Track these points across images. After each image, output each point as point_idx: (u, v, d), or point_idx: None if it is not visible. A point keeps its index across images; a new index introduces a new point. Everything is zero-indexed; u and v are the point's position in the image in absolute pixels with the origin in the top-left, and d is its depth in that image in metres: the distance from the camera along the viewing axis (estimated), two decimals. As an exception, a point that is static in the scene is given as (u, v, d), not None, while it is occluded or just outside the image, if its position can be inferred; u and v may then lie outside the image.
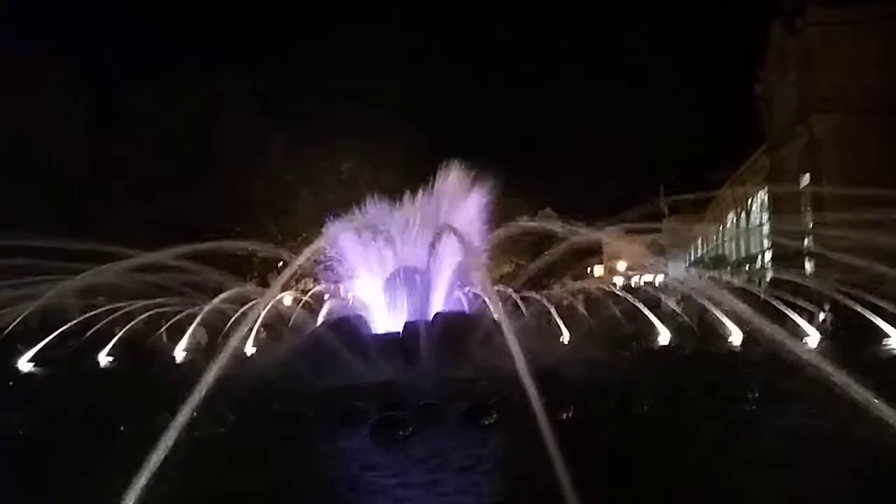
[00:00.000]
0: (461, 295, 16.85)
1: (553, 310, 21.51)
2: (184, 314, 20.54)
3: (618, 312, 22.09)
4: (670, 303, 24.98)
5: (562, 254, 20.47)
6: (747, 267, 41.19)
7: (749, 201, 49.82)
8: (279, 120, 38.40)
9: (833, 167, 35.58)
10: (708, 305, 18.87)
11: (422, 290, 15.20)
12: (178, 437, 4.50)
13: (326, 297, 21.49)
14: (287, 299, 23.11)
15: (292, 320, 19.49)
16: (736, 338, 17.87)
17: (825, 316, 20.61)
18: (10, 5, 40.53)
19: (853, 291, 17.65)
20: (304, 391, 10.17)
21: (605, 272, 55.25)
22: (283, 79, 45.69)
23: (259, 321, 17.64)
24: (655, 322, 20.74)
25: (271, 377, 11.94)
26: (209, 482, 5.82)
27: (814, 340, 17.23)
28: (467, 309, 16.67)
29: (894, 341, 16.22)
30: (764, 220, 45.73)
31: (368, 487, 6.03)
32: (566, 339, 19.68)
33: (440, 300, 15.79)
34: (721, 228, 55.34)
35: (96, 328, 20.31)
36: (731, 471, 6.07)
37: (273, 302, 17.30)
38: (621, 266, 54.99)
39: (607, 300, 23.38)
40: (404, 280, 15.29)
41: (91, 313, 20.64)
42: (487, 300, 15.65)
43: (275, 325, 20.03)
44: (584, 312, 23.61)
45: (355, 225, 17.28)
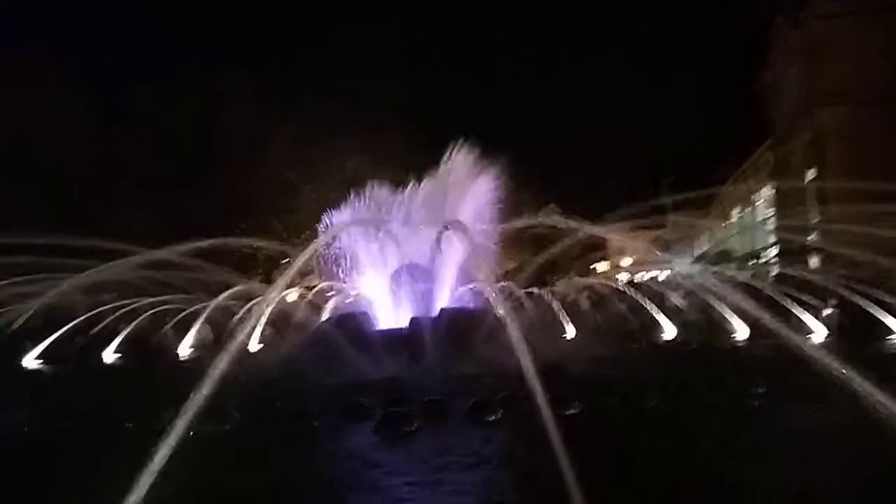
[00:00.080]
0: (466, 291, 16.83)
1: (558, 306, 21.49)
2: (189, 311, 20.57)
3: (623, 308, 22.04)
4: (675, 298, 24.91)
5: (566, 250, 20.47)
6: (752, 262, 41.08)
7: (754, 197, 49.71)
8: (279, 119, 38.40)
9: (838, 161, 35.38)
10: (713, 301, 18.81)
11: (426, 287, 15.20)
12: (184, 434, 4.50)
13: (331, 294, 21.50)
14: (292, 296, 23.09)
15: (297, 317, 19.50)
16: (741, 333, 17.83)
17: (831, 311, 20.55)
18: (10, 5, 40.61)
19: (859, 286, 17.61)
20: (309, 388, 10.20)
21: (610, 268, 55.14)
22: (283, 78, 45.69)
23: (264, 318, 17.63)
24: (660, 318, 20.70)
25: (276, 374, 11.94)
26: (214, 479, 5.84)
27: (819, 336, 17.19)
28: (472, 305, 16.66)
29: (900, 336, 16.17)
30: (769, 216, 45.61)
31: (373, 485, 6.04)
32: (571, 335, 19.66)
33: (445, 296, 15.79)
34: (726, 224, 55.21)
35: (102, 325, 20.35)
36: (736, 466, 6.07)
37: (278, 299, 17.30)
38: (626, 262, 54.87)
39: (612, 296, 23.33)
40: (409, 276, 15.28)
41: (97, 310, 20.69)
42: (492, 296, 15.65)
43: (279, 322, 20.03)
44: (589, 308, 23.58)
45: (357, 220, 17.30)
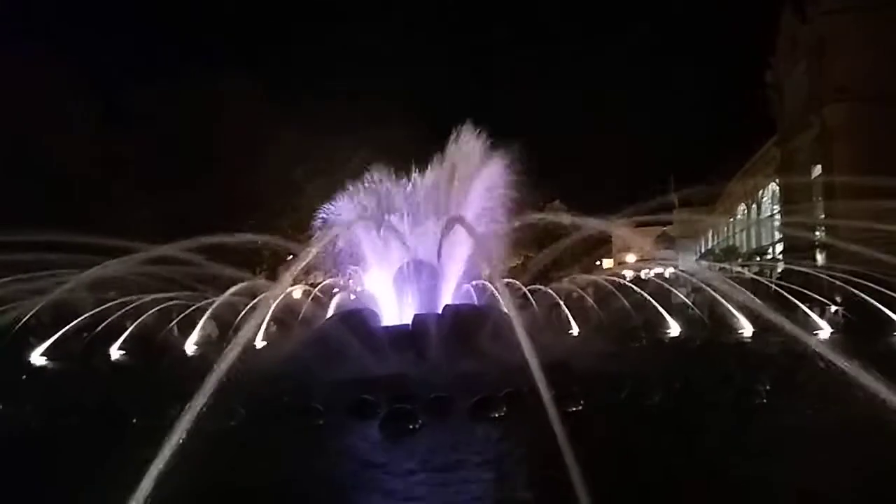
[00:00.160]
0: (470, 288, 16.83)
1: (562, 302, 21.49)
2: (194, 308, 20.62)
3: (627, 305, 22.02)
4: (680, 295, 24.88)
5: (571, 246, 20.47)
6: (758, 258, 41.02)
7: (760, 193, 49.54)
8: (279, 119, 38.41)
9: (844, 157, 35.25)
10: (718, 297, 18.78)
11: (431, 283, 15.20)
12: (190, 431, 4.52)
13: (336, 290, 21.52)
14: (297, 292, 23.14)
15: (302, 313, 19.53)
16: (747, 330, 17.79)
17: (836, 307, 20.52)
18: (10, 5, 40.67)
19: (865, 283, 17.56)
20: (314, 384, 10.20)
21: (615, 264, 55.08)
22: (283, 78, 45.77)
23: (269, 314, 17.67)
24: (665, 314, 20.68)
25: (281, 370, 11.95)
26: (220, 475, 5.85)
27: (825, 332, 17.15)
28: (476, 302, 16.66)
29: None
30: (775, 212, 45.47)
31: (377, 481, 6.05)
32: (575, 332, 19.67)
33: (450, 293, 15.79)
34: (732, 220, 55.07)
35: (108, 322, 20.40)
36: (741, 462, 6.06)
37: (283, 295, 17.33)
38: (631, 258, 54.79)
39: (617, 292, 23.30)
40: (414, 273, 15.29)
41: (103, 307, 20.74)
42: (497, 293, 15.63)
43: (285, 319, 20.06)
44: (594, 305, 23.56)
45: (361, 217, 17.30)
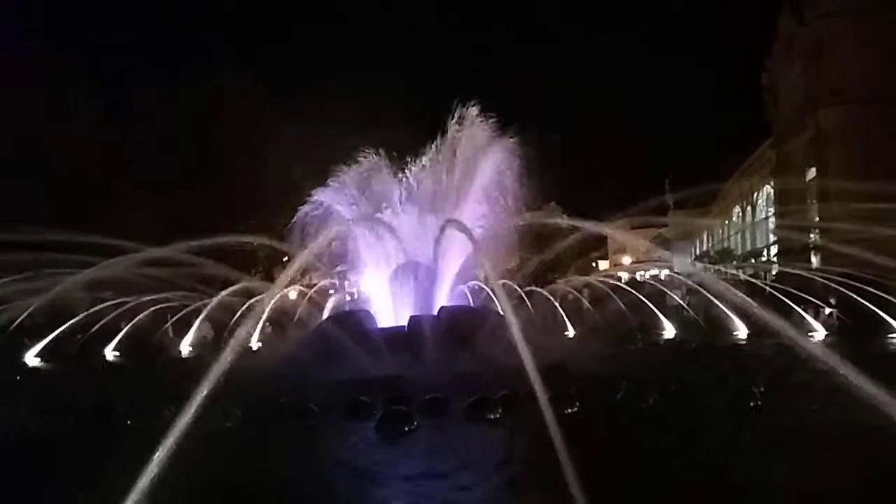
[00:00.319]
0: (466, 289, 16.84)
1: (558, 304, 21.50)
2: (190, 309, 20.56)
3: (623, 306, 22.04)
4: (676, 297, 24.92)
5: (567, 248, 20.48)
6: (753, 261, 41.11)
7: (755, 195, 49.69)
8: (279, 119, 38.37)
9: (839, 160, 35.37)
10: (713, 299, 18.82)
11: (427, 285, 15.20)
12: (185, 432, 4.51)
13: (331, 292, 21.51)
14: (292, 294, 23.11)
15: (298, 315, 19.50)
16: (741, 332, 17.84)
17: (831, 310, 20.57)
18: (10, 5, 40.60)
19: (859, 285, 17.62)
20: (310, 385, 10.19)
21: (610, 266, 55.24)
22: (283, 78, 45.75)
23: (265, 316, 17.64)
24: (661, 316, 20.72)
25: (277, 372, 11.94)
26: (216, 476, 5.84)
27: (820, 334, 17.20)
28: (472, 303, 16.66)
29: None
30: (770, 214, 45.60)
31: (373, 482, 6.04)
32: (571, 334, 19.67)
33: (445, 294, 15.79)
34: (727, 222, 55.23)
35: (103, 323, 20.33)
36: (737, 464, 6.07)
37: (278, 296, 17.31)
38: (626, 260, 54.93)
39: (612, 294, 23.32)
40: (409, 274, 15.29)
41: (98, 308, 20.67)
42: (492, 294, 15.64)
43: (280, 320, 20.04)
44: (590, 307, 23.58)
45: (358, 219, 17.30)
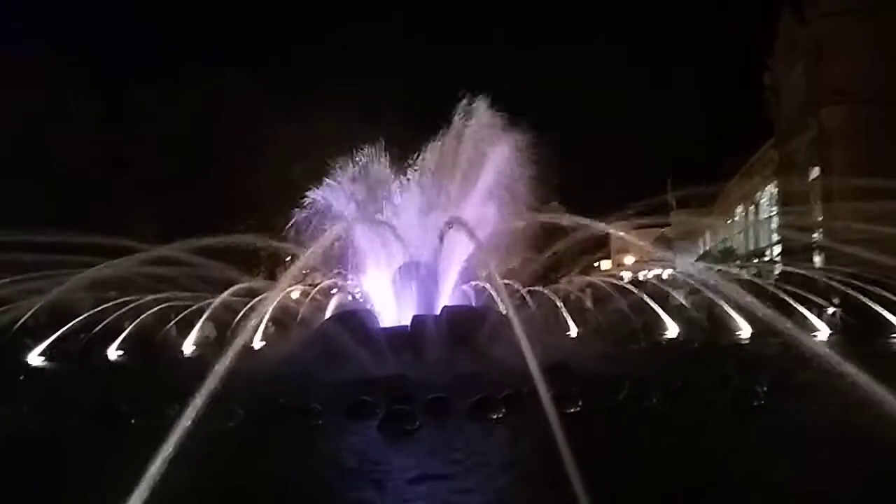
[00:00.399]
0: (468, 289, 16.82)
1: (560, 304, 21.48)
2: (193, 308, 20.57)
3: (625, 306, 22.01)
4: (678, 296, 24.88)
5: (569, 248, 20.45)
6: (756, 260, 41.02)
7: (758, 194, 49.61)
8: (280, 119, 38.37)
9: (843, 159, 35.32)
10: (716, 299, 18.79)
11: (430, 284, 15.20)
12: (188, 431, 4.51)
13: (334, 291, 21.50)
14: (295, 293, 23.11)
15: (300, 314, 19.50)
16: (745, 331, 17.81)
17: (834, 309, 20.53)
18: (10, 5, 40.64)
19: (863, 284, 17.58)
20: (313, 385, 10.20)
21: (613, 266, 55.18)
22: (283, 78, 45.78)
23: (267, 315, 17.64)
24: (663, 316, 20.69)
25: (280, 371, 11.95)
26: (219, 476, 5.85)
27: (823, 334, 17.17)
28: (475, 303, 16.65)
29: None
30: (773, 214, 45.51)
31: (376, 482, 6.03)
32: (574, 333, 19.67)
33: (448, 294, 15.79)
34: (730, 222, 55.13)
35: (106, 322, 20.36)
36: (740, 463, 6.06)
37: (281, 296, 17.32)
38: (629, 260, 54.88)
39: (615, 294, 23.31)
40: (412, 273, 15.29)
41: (101, 307, 20.70)
42: (495, 294, 15.63)
43: (283, 320, 20.04)
44: (592, 306, 23.56)
45: (361, 219, 17.29)
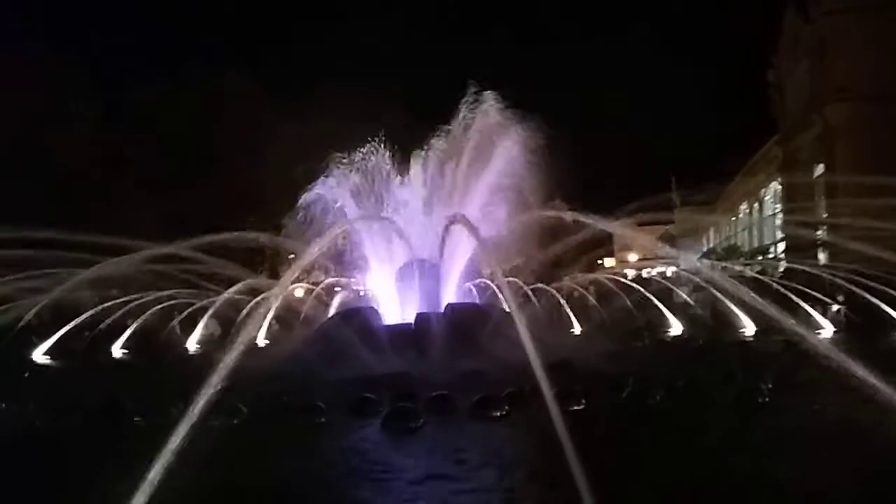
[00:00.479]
0: (472, 286, 16.83)
1: (564, 301, 21.47)
2: (197, 306, 20.62)
3: (629, 304, 22.00)
4: (682, 294, 24.86)
5: (573, 245, 20.44)
6: (760, 257, 40.93)
7: (762, 191, 49.50)
8: (280, 119, 38.39)
9: (847, 156, 35.24)
10: (720, 296, 18.77)
11: (433, 282, 15.20)
12: (192, 429, 4.52)
13: (338, 289, 21.53)
14: (299, 291, 23.16)
15: (304, 312, 19.53)
16: (749, 329, 17.79)
17: (838, 306, 20.49)
18: (10, 5, 40.72)
19: (867, 281, 17.54)
20: (316, 383, 10.21)
21: (617, 263, 55.06)
22: (283, 78, 45.78)
23: (271, 313, 17.68)
24: (667, 313, 20.67)
25: (283, 369, 11.97)
26: (223, 474, 5.85)
27: (828, 331, 17.13)
28: (478, 300, 16.65)
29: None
30: (777, 211, 45.42)
31: (379, 480, 6.04)
32: (577, 331, 19.67)
33: (451, 291, 15.79)
34: (734, 219, 55.02)
35: (110, 320, 20.41)
36: (743, 462, 6.04)
37: (285, 294, 17.34)
38: (632, 257, 54.75)
39: (619, 291, 23.29)
40: (415, 271, 15.29)
41: (105, 305, 20.75)
42: (499, 291, 15.63)
43: (287, 317, 20.07)
44: (596, 304, 23.55)
45: (364, 217, 17.30)
